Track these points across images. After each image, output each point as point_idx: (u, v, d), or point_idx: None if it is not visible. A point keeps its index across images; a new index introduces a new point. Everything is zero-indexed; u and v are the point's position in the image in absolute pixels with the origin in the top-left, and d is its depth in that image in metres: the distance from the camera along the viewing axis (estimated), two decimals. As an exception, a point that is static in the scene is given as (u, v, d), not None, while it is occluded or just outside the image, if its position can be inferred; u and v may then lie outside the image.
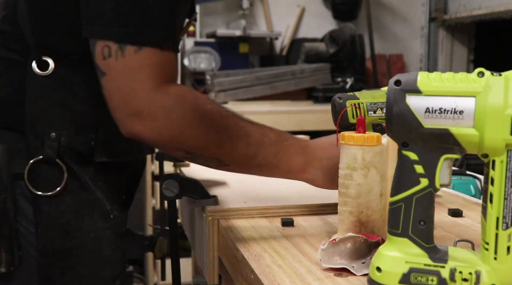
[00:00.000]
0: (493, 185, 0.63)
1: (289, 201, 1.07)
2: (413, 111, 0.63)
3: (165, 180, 0.97)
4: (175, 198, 0.99)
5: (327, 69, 3.15)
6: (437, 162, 0.64)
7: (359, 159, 0.83)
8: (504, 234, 0.63)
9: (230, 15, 3.41)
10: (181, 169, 1.40)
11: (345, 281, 0.73)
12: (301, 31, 3.56)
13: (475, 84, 0.62)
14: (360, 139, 0.82)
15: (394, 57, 3.64)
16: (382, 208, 0.85)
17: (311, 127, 2.72)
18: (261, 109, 2.73)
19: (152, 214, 2.65)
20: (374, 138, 0.83)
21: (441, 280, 0.65)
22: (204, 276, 1.10)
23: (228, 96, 2.91)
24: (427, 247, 0.66)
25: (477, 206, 1.10)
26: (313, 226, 0.97)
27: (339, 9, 3.50)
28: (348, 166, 0.84)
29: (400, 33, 3.71)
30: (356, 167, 0.83)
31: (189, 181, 1.00)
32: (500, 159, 0.62)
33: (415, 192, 0.65)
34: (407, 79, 0.64)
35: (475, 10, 3.23)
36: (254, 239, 0.91)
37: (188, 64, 2.99)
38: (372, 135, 0.83)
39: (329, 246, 0.76)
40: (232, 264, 0.93)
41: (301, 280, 0.73)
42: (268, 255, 0.83)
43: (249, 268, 0.80)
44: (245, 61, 3.22)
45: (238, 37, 3.12)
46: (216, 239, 1.00)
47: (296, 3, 3.55)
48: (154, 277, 2.70)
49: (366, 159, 0.83)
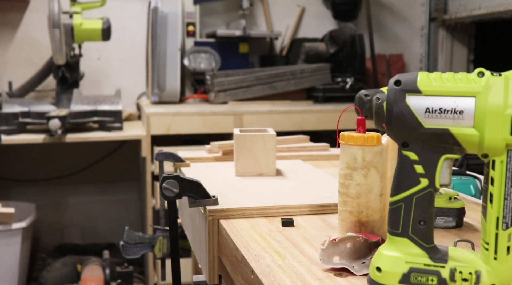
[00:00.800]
0: (493, 185, 0.63)
1: (289, 201, 1.07)
2: (413, 111, 0.63)
3: (165, 180, 0.97)
4: (175, 198, 0.99)
5: (327, 69, 3.15)
6: (437, 162, 0.64)
7: (359, 159, 0.83)
8: (504, 234, 0.63)
9: (230, 15, 3.41)
10: (181, 169, 1.40)
11: (345, 281, 0.73)
12: (301, 31, 3.56)
13: (475, 84, 0.62)
14: (360, 139, 0.83)
15: (394, 57, 3.64)
16: (382, 208, 0.85)
17: (311, 127, 2.72)
18: (261, 109, 2.73)
19: (152, 214, 2.65)
20: (374, 138, 0.83)
21: (441, 280, 0.65)
22: (204, 276, 1.10)
23: (228, 96, 2.91)
24: (427, 247, 0.66)
25: (477, 206, 1.10)
26: (313, 226, 0.97)
27: (339, 9, 3.50)
28: (348, 166, 0.84)
29: (400, 33, 3.71)
30: (356, 167, 0.83)
31: (189, 181, 1.00)
32: (500, 159, 0.62)
33: (415, 192, 0.65)
34: (407, 79, 0.64)
35: (475, 10, 3.23)
36: (254, 239, 0.91)
37: (188, 64, 2.99)
38: (372, 135, 0.83)
39: (329, 246, 0.76)
40: (232, 264, 0.93)
41: (301, 280, 0.73)
42: (268, 255, 0.83)
43: (249, 268, 0.80)
44: (245, 61, 3.22)
45: (238, 37, 3.12)
46: (216, 239, 1.00)
47: (296, 3, 3.55)
48: (154, 277, 2.70)
49: (366, 159, 0.83)
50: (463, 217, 0.97)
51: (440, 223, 0.96)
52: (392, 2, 3.69)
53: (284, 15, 3.53)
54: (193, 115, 2.63)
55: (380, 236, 0.79)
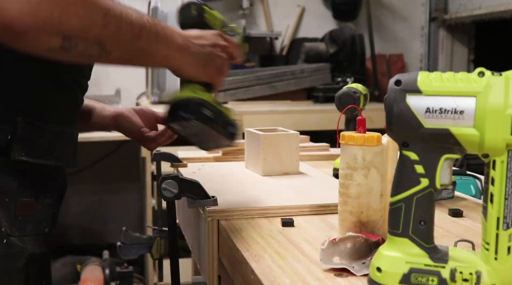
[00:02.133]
0: (494, 185, 0.62)
1: (289, 201, 1.07)
2: (413, 111, 0.63)
3: (164, 181, 0.97)
4: (174, 199, 0.99)
5: (327, 69, 3.14)
6: (438, 162, 0.64)
7: (359, 159, 0.83)
8: (504, 234, 0.63)
9: (230, 15, 3.41)
10: (178, 170, 1.40)
11: (345, 281, 0.73)
12: (301, 31, 3.56)
13: (475, 84, 0.62)
14: (360, 139, 0.82)
15: (394, 57, 3.64)
16: (382, 208, 0.85)
17: (311, 127, 2.71)
18: (261, 109, 2.73)
19: (151, 215, 2.65)
20: (374, 138, 0.82)
21: (441, 280, 0.65)
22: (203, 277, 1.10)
23: (228, 96, 2.91)
24: (427, 247, 0.66)
25: (477, 206, 1.09)
26: (313, 227, 0.96)
27: (339, 9, 3.50)
28: (349, 166, 0.84)
29: (400, 33, 3.71)
30: (357, 167, 0.83)
31: (188, 181, 0.99)
32: (500, 159, 0.62)
33: (415, 192, 0.65)
34: (408, 79, 0.64)
35: (475, 10, 3.23)
36: (254, 239, 0.90)
37: (188, 64, 2.99)
38: (372, 135, 0.83)
39: (329, 246, 0.76)
40: (232, 264, 0.93)
41: (301, 280, 0.73)
42: (268, 255, 0.83)
43: (249, 268, 0.80)
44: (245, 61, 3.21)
45: (238, 37, 3.12)
46: (216, 240, 1.00)
47: (296, 3, 3.55)
48: (154, 277, 2.70)
49: (366, 159, 0.82)
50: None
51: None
52: (392, 2, 3.69)
53: (284, 15, 3.53)
54: (193, 115, 2.62)
55: (380, 236, 0.79)
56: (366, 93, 1.26)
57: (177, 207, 1.32)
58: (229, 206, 1.03)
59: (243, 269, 0.84)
